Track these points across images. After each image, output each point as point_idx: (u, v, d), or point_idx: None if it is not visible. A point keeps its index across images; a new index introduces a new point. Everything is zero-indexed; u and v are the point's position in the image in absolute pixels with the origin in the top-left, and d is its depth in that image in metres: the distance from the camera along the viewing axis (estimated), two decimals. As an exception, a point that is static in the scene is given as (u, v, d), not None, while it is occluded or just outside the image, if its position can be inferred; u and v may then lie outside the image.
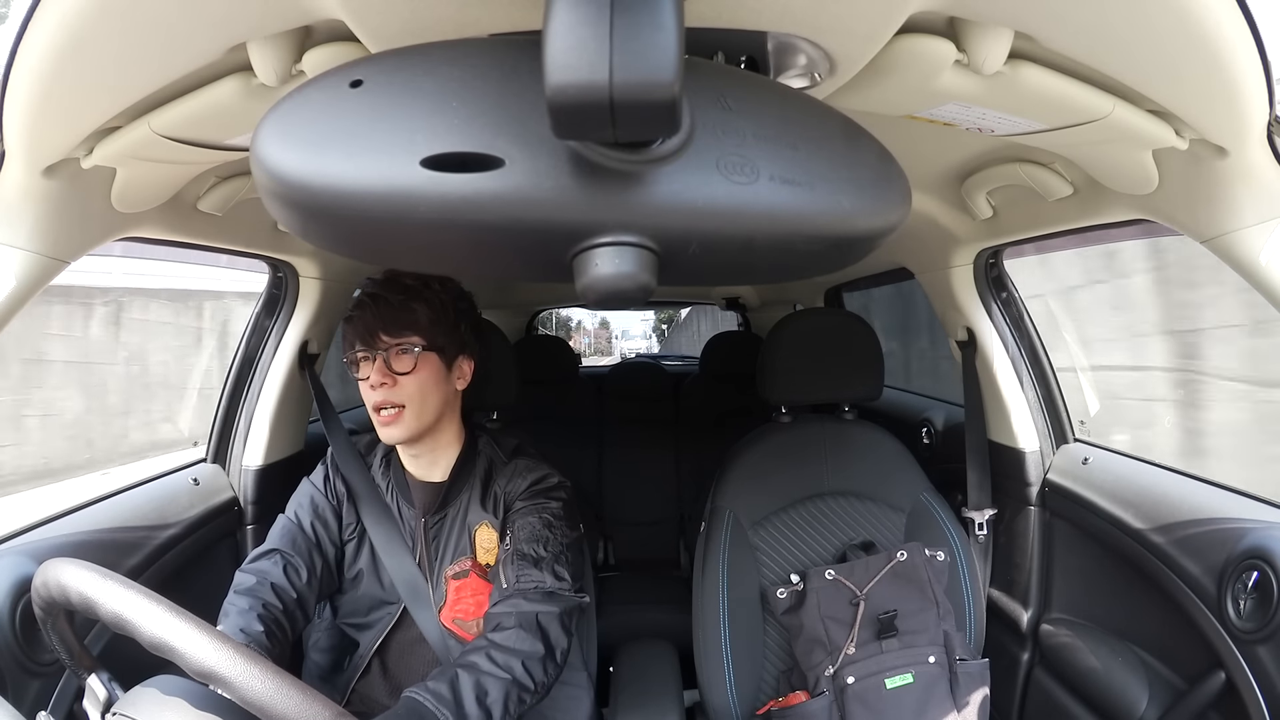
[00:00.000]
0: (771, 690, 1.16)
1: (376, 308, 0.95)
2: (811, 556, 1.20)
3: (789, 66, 0.57)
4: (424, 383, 0.96)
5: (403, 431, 0.97)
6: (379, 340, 0.95)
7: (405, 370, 0.95)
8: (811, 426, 1.29)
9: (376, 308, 0.95)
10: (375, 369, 0.95)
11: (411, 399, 0.95)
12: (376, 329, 0.95)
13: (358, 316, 0.96)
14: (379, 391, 0.94)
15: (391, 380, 0.95)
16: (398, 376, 0.95)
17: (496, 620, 0.88)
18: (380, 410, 0.95)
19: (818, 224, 0.43)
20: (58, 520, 1.00)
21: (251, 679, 0.52)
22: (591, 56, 0.31)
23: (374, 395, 0.95)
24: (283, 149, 0.36)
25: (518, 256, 0.45)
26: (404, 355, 0.95)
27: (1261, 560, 0.84)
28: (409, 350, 0.95)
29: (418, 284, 0.98)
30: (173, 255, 1.06)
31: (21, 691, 0.81)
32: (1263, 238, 0.68)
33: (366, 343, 0.95)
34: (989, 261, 1.27)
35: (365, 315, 0.96)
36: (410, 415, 0.96)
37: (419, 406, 0.96)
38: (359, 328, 0.96)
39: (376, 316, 0.95)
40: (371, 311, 0.95)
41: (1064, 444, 1.28)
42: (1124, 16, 0.50)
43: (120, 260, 4.03)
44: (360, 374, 0.97)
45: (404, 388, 0.95)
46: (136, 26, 0.49)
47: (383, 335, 0.95)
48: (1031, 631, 1.24)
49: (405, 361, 0.95)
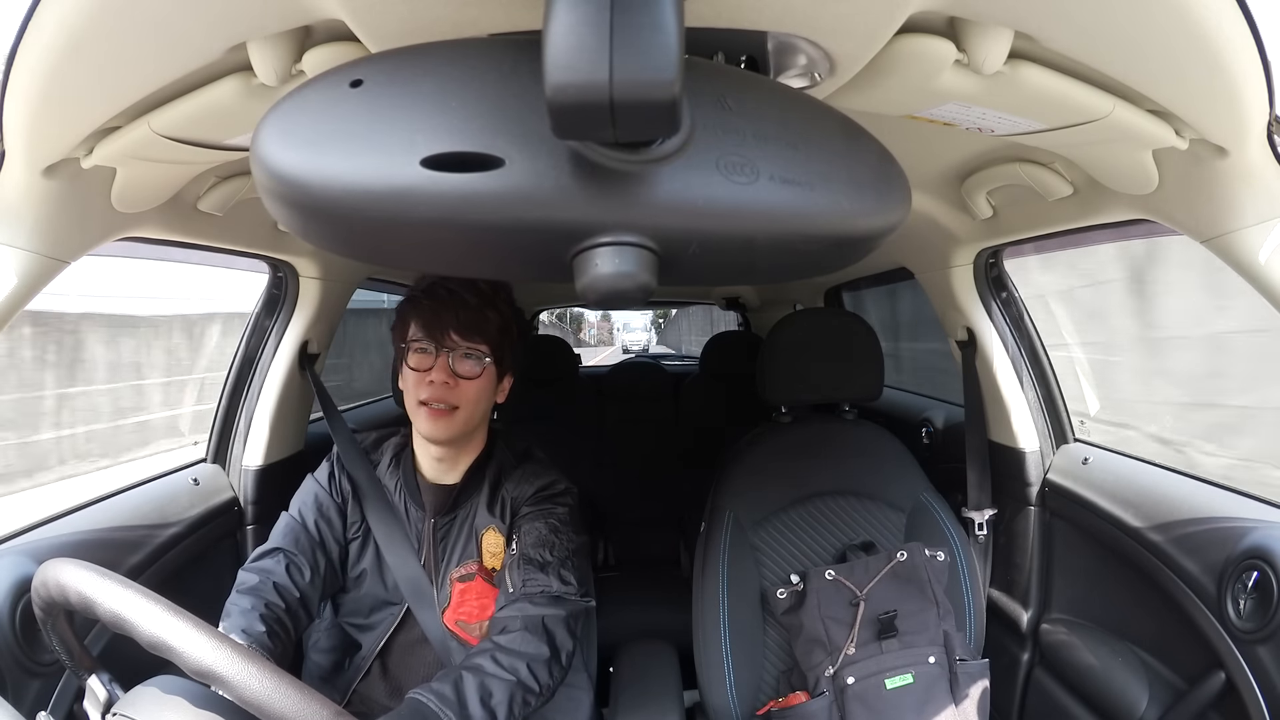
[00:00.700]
0: (771, 690, 1.15)
1: (454, 305, 0.94)
2: (811, 556, 1.20)
3: (789, 66, 0.57)
4: (481, 391, 0.96)
5: (449, 432, 0.96)
6: (448, 338, 0.94)
7: (470, 375, 0.94)
8: (811, 426, 1.29)
9: (454, 305, 0.94)
10: (438, 366, 0.93)
11: (467, 403, 0.95)
12: (449, 326, 0.93)
13: (429, 307, 0.94)
14: (437, 389, 0.93)
15: (454, 381, 0.94)
16: (461, 380, 0.94)
17: (502, 623, 0.88)
18: (429, 404, 0.94)
19: (818, 224, 0.43)
20: (58, 520, 1.00)
21: (251, 679, 0.52)
22: (591, 56, 0.31)
23: (427, 390, 0.94)
24: (283, 149, 0.36)
25: (518, 256, 0.45)
26: (470, 360, 0.94)
27: (1261, 560, 0.84)
28: (477, 357, 0.95)
29: (490, 290, 0.97)
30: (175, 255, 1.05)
31: (21, 691, 0.81)
32: (1263, 238, 0.68)
33: (434, 336, 0.94)
34: (989, 261, 1.27)
35: (440, 309, 0.94)
36: (461, 418, 0.95)
37: (470, 412, 0.96)
38: (429, 319, 0.94)
39: (452, 314, 0.93)
40: (447, 308, 0.94)
41: (1064, 444, 1.28)
42: (1124, 17, 0.50)
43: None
44: (415, 364, 0.95)
45: (463, 392, 0.94)
46: (136, 26, 0.49)
47: (454, 334, 0.94)
48: (1031, 631, 1.24)
49: (471, 367, 0.94)
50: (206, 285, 3.61)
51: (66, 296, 3.31)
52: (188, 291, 3.79)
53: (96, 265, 1.53)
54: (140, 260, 2.98)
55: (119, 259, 2.42)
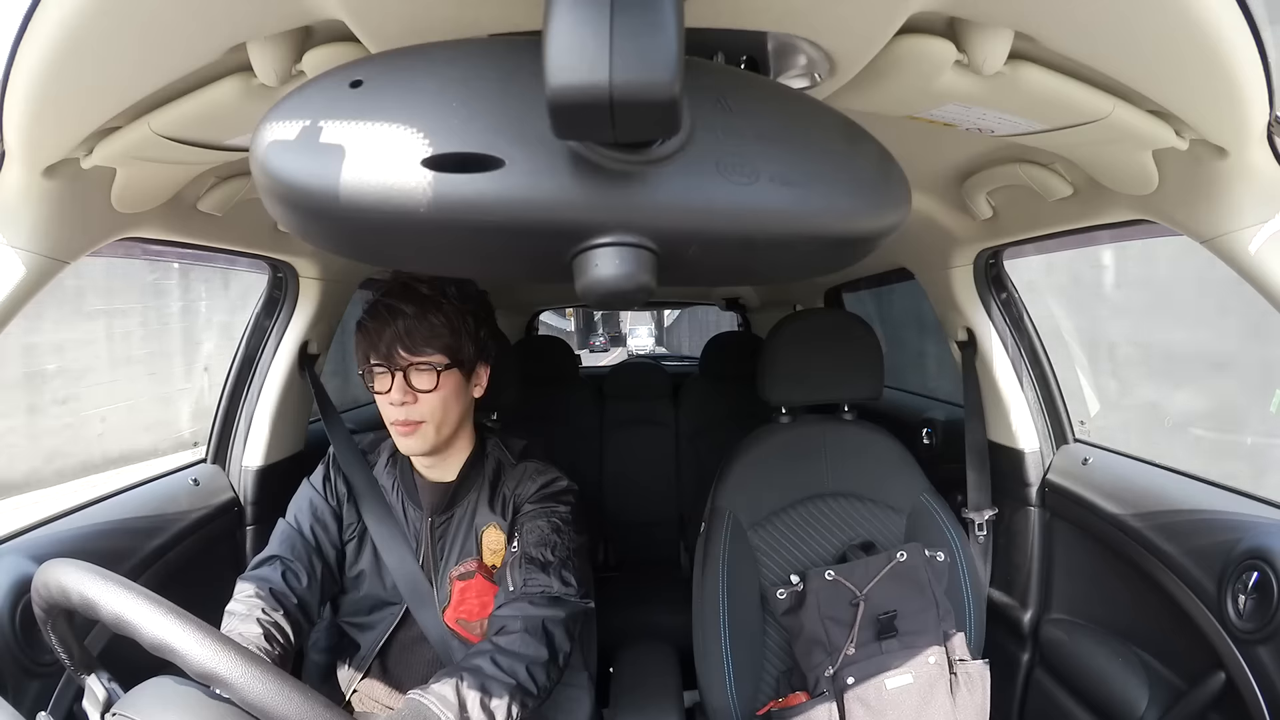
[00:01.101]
0: (771, 691, 1.15)
1: (393, 320, 0.90)
2: (811, 557, 1.20)
3: (789, 67, 0.57)
4: (446, 399, 0.93)
5: (422, 444, 0.95)
6: (397, 356, 0.90)
7: (427, 388, 0.91)
8: (811, 427, 1.29)
9: (393, 320, 0.90)
10: (395, 385, 0.91)
11: (433, 414, 0.93)
12: (394, 344, 0.90)
13: (372, 328, 0.91)
14: (398, 409, 0.92)
15: (413, 398, 0.91)
16: (419, 394, 0.92)
17: (502, 624, 0.88)
18: (396, 424, 0.93)
19: (818, 224, 0.43)
20: (58, 520, 1.00)
21: (251, 679, 0.52)
22: (591, 57, 0.31)
23: (392, 411, 0.92)
24: (283, 149, 0.36)
25: (518, 256, 0.45)
26: (424, 373, 0.91)
27: (1261, 560, 0.84)
28: (429, 369, 0.91)
29: (434, 292, 0.93)
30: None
31: (21, 691, 0.81)
32: (1263, 238, 0.68)
33: (383, 357, 0.91)
34: (989, 262, 1.27)
35: (381, 328, 0.90)
36: (430, 429, 0.93)
37: (439, 421, 0.94)
38: (374, 340, 0.91)
39: (394, 331, 0.90)
40: (388, 325, 0.90)
41: (1064, 444, 1.28)
42: (1125, 17, 0.50)
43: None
44: (376, 387, 0.93)
45: (425, 404, 0.92)
46: (136, 26, 0.49)
47: (401, 351, 0.90)
48: (1031, 631, 1.24)
49: (426, 379, 0.91)
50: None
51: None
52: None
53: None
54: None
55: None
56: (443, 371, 0.92)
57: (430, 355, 0.92)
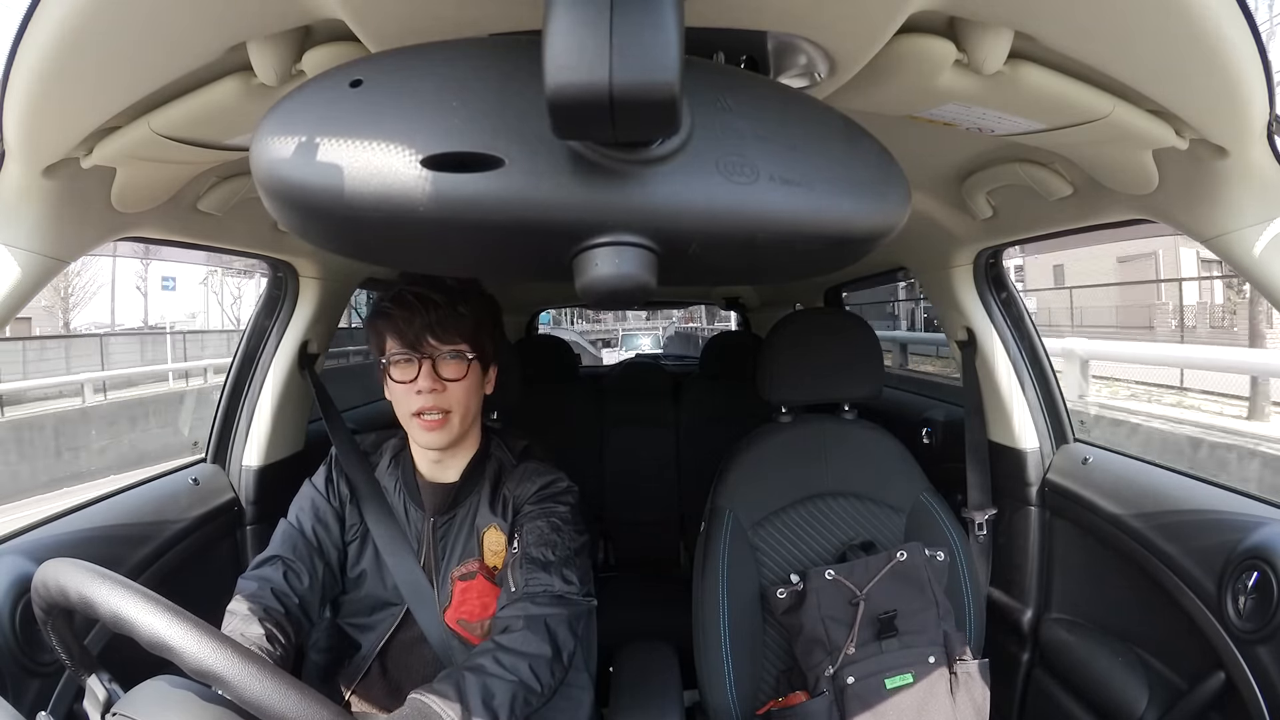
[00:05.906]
0: (771, 690, 1.15)
1: (424, 309, 0.91)
2: (811, 556, 1.20)
3: (789, 66, 0.57)
4: (469, 390, 0.95)
5: (447, 436, 0.95)
6: (426, 344, 0.91)
7: (455, 377, 0.93)
8: (811, 426, 1.29)
9: (424, 309, 0.91)
10: (423, 374, 0.92)
11: (458, 404, 0.94)
12: (425, 333, 0.91)
13: (400, 316, 0.92)
14: (425, 397, 0.92)
15: (441, 386, 0.92)
16: (447, 383, 0.93)
17: (504, 623, 0.88)
18: (423, 414, 0.93)
19: (818, 224, 0.43)
20: (58, 520, 1.00)
21: (251, 679, 0.52)
22: (591, 56, 0.31)
23: (418, 400, 0.92)
24: (282, 149, 0.36)
25: (518, 256, 0.45)
26: (453, 361, 0.93)
27: (1261, 560, 0.84)
28: (459, 356, 0.93)
29: (458, 285, 0.95)
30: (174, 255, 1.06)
31: (21, 691, 0.81)
32: (1263, 238, 0.68)
33: (412, 345, 0.92)
34: (989, 261, 1.27)
35: (411, 316, 0.91)
36: (455, 421, 0.94)
37: (463, 412, 0.95)
38: (401, 329, 0.92)
39: (425, 320, 0.91)
40: (418, 313, 0.91)
41: (1064, 444, 1.28)
42: (1125, 17, 0.50)
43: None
44: (399, 376, 0.93)
45: (452, 394, 0.93)
46: (136, 26, 0.49)
47: (430, 339, 0.91)
48: (1031, 631, 1.24)
49: (455, 368, 0.93)
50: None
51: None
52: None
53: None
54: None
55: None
56: (471, 360, 0.94)
57: (459, 344, 0.94)
